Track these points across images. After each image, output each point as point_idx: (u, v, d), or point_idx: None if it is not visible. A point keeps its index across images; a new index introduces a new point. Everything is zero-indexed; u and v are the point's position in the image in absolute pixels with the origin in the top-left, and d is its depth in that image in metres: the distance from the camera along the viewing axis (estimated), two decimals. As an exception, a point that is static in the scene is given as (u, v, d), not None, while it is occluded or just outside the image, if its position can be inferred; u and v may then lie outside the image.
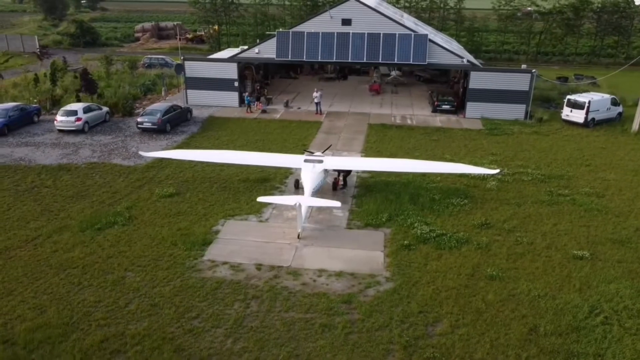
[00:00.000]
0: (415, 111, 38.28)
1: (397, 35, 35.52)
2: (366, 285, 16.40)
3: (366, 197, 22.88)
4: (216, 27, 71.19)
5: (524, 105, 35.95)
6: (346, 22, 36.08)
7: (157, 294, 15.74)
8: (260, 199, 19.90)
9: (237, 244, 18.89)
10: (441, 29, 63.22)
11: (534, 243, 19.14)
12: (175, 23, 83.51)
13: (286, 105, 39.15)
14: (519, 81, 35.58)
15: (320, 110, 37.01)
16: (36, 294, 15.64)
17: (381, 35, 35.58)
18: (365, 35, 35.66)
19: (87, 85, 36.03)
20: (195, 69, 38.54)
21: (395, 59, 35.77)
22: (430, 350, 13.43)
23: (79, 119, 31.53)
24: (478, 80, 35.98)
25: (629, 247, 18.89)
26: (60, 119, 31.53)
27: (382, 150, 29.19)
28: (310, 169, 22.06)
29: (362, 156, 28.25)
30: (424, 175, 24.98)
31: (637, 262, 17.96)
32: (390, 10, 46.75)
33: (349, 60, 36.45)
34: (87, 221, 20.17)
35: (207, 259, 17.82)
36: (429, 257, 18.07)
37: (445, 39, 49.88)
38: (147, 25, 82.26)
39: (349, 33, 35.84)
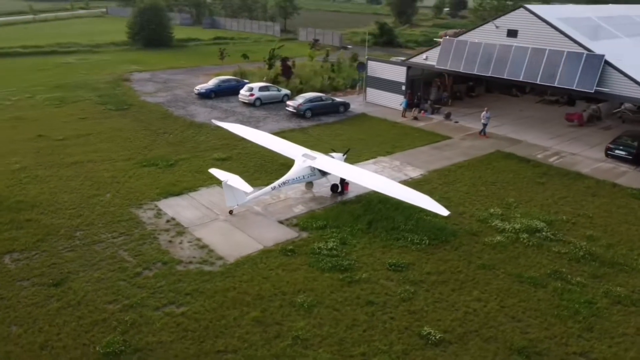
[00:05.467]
0: (588, 152, 30.30)
1: (564, 54, 28.99)
2: (200, 262, 17.50)
3: (342, 205, 22.06)
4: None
5: None
6: (512, 33, 31.54)
7: (92, 210, 21.05)
8: (211, 170, 22.36)
9: (190, 202, 22.20)
10: None
11: (406, 302, 15.46)
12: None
13: (447, 117, 37.10)
14: None
15: (485, 132, 33.31)
16: (51, 188, 23.20)
17: (546, 51, 29.70)
18: (529, 50, 30.44)
19: (284, 71, 43.32)
20: (374, 69, 40.73)
21: (556, 82, 29.29)
22: (119, 328, 13.95)
23: (252, 95, 39.10)
24: (670, 125, 25.96)
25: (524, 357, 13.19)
26: (242, 93, 39.82)
27: (448, 176, 25.83)
28: (299, 163, 22.88)
29: (420, 175, 25.94)
30: (445, 199, 21.68)
31: (484, 374, 12.67)
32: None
33: (504, 77, 31.80)
34: (145, 159, 27.03)
35: (155, 203, 21.98)
36: (287, 268, 17.25)
37: None
38: (451, 31, 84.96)
39: (512, 46, 31.28)
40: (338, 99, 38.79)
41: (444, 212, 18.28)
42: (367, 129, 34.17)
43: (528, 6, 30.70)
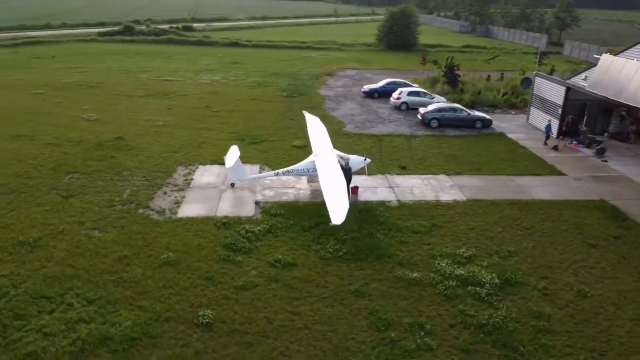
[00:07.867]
0: None
1: None
2: (157, 211, 21.06)
3: (321, 204, 22.00)
4: None
5: None
6: (674, 53, 23.38)
7: (155, 161, 26.81)
8: (232, 147, 24.91)
9: (220, 171, 25.41)
10: None
11: (236, 289, 15.77)
12: None
13: (598, 153, 29.79)
14: None
15: None
16: (155, 140, 30.08)
17: None
18: (687, 76, 22.24)
19: (451, 80, 41.18)
20: (540, 86, 35.28)
21: None
22: (49, 232, 19.02)
23: (399, 99, 39.40)
24: None
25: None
26: (392, 96, 40.41)
27: (480, 209, 22.06)
28: (310, 156, 23.86)
29: (452, 200, 22.98)
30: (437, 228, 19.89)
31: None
32: None
33: (650, 110, 23.88)
34: (243, 135, 31.68)
35: (198, 166, 26.40)
36: (198, 234, 19.05)
37: None
38: None
39: (669, 70, 23.31)
40: (477, 114, 35.44)
41: (335, 220, 17.06)
42: (477, 148, 30.69)
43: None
